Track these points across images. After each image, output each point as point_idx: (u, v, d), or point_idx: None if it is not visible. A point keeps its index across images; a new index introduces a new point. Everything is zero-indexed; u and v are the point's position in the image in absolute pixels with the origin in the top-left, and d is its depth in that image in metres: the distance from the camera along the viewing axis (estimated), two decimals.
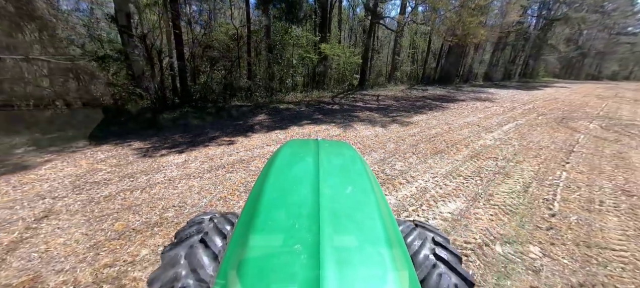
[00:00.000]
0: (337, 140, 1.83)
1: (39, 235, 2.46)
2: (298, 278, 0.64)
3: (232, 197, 3.23)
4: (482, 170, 4.31)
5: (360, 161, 1.40)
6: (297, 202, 0.95)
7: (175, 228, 2.59)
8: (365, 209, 0.96)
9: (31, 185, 3.38)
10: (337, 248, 0.73)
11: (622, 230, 2.84)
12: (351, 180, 1.17)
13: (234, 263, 0.75)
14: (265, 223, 0.86)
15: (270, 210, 0.92)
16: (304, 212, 0.88)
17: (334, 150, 1.52)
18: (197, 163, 4.26)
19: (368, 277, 0.68)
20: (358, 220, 0.89)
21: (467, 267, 2.25)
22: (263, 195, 1.00)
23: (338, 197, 0.99)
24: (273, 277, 0.66)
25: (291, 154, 1.43)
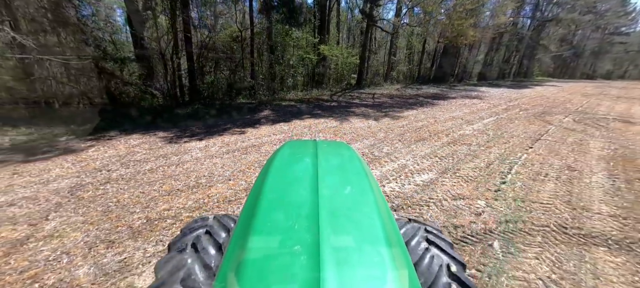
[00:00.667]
0: (335, 141, 1.90)
1: (108, 194, 3.26)
2: (298, 279, 0.64)
3: (249, 170, 4.04)
4: (456, 153, 5.13)
5: (359, 161, 1.41)
6: (296, 202, 0.96)
7: (207, 191, 3.40)
8: (364, 209, 0.97)
9: (86, 163, 4.19)
10: (337, 249, 0.73)
11: (554, 192, 3.66)
12: (350, 180, 1.18)
13: (233, 264, 0.75)
14: (265, 224, 0.86)
15: (269, 211, 0.93)
16: (303, 213, 0.88)
17: (332, 151, 1.53)
18: (216, 147, 5.07)
19: (368, 277, 0.68)
20: (357, 220, 0.90)
21: (428, 211, 3.07)
22: (262, 196, 1.01)
23: (337, 197, 1.00)
24: (273, 277, 0.66)
25: (290, 155, 1.45)
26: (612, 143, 6.18)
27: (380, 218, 0.91)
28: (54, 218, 2.74)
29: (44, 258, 2.20)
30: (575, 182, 4.00)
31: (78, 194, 3.22)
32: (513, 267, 2.26)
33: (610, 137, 6.67)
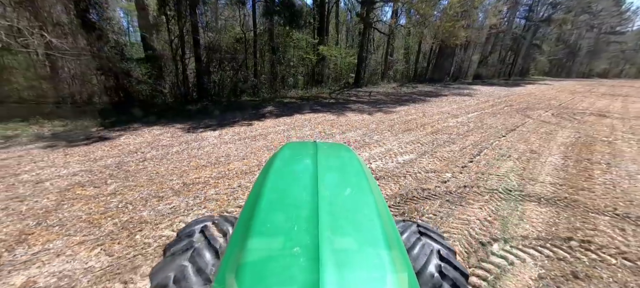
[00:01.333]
0: (335, 143, 1.89)
1: (147, 168, 4.05)
2: (297, 281, 0.64)
3: (259, 152, 4.83)
4: (436, 140, 5.91)
5: (359, 163, 1.42)
6: (295, 204, 0.96)
7: (226, 166, 4.18)
8: (364, 211, 0.97)
9: (121, 147, 4.98)
10: (336, 251, 0.73)
11: (511, 168, 4.45)
12: (349, 181, 1.19)
13: (232, 266, 0.75)
14: (264, 225, 0.86)
15: (268, 212, 0.93)
16: (303, 214, 0.89)
17: (332, 152, 1.53)
18: (228, 136, 5.86)
19: (367, 279, 0.68)
20: (357, 221, 0.90)
21: (404, 180, 3.85)
22: (262, 198, 1.01)
23: (337, 199, 1.00)
24: (272, 279, 0.67)
25: (289, 156, 1.45)
26: (579, 133, 6.97)
27: (380, 220, 0.91)
28: (111, 183, 3.53)
29: (114, 206, 2.99)
30: (532, 162, 4.79)
31: (124, 168, 4.01)
32: (460, 213, 3.05)
33: (579, 128, 7.46)
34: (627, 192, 3.71)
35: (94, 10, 7.76)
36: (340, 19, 22.46)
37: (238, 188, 3.46)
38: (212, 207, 3.02)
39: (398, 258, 0.78)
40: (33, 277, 2.03)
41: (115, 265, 2.16)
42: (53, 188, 3.35)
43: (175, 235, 1.79)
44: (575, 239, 2.64)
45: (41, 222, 2.67)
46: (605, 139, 6.46)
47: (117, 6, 10.41)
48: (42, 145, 4.97)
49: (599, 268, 2.27)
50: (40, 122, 6.44)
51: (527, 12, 30.84)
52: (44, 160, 4.25)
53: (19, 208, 2.90)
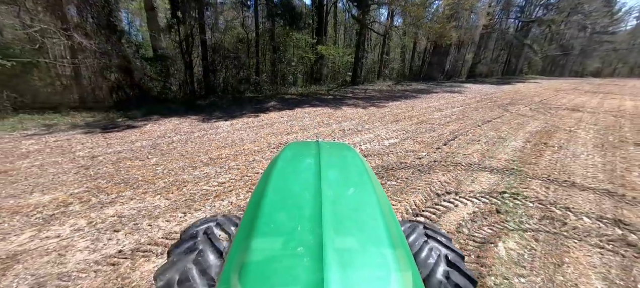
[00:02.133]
0: (337, 142, 1.87)
1: (177, 148, 4.93)
2: (301, 281, 0.65)
3: (268, 137, 5.72)
4: (419, 129, 6.82)
5: (361, 162, 1.43)
6: (299, 204, 0.97)
7: (241, 147, 5.06)
8: (367, 210, 0.97)
9: (150, 133, 5.85)
10: (340, 250, 0.74)
11: (477, 149, 5.36)
12: (353, 181, 1.20)
13: (236, 266, 0.76)
14: (268, 225, 0.87)
15: (272, 212, 0.94)
16: (306, 214, 0.89)
17: (334, 152, 1.54)
18: (239, 125, 6.75)
19: (371, 279, 0.69)
20: (360, 221, 0.91)
21: (387, 157, 4.75)
22: (265, 198, 1.02)
23: (340, 199, 1.01)
24: (276, 279, 0.67)
25: (292, 157, 1.46)
26: (547, 124, 7.90)
27: (384, 220, 0.91)
28: (152, 158, 4.41)
29: (160, 172, 3.87)
30: (496, 145, 5.71)
31: (158, 148, 4.89)
32: (427, 178, 3.96)
33: (549, 120, 8.39)
34: (565, 165, 4.63)
35: (116, 13, 8.59)
36: (338, 19, 23.34)
37: (253, 161, 4.35)
38: (235, 173, 3.91)
39: (402, 257, 0.78)
40: (119, 210, 2.92)
41: (172, 205, 3.05)
42: (107, 161, 4.23)
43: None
44: (508, 193, 3.56)
45: (109, 181, 3.56)
46: (568, 128, 7.40)
47: (122, 8, 11.22)
48: (81, 131, 5.83)
49: (517, 209, 3.19)
50: (71, 114, 7.29)
51: (518, 13, 31.84)
52: (89, 142, 5.12)
53: (88, 173, 3.77)
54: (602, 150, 5.56)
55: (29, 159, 4.21)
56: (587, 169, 4.50)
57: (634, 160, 4.99)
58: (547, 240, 2.63)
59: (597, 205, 3.32)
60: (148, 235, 2.52)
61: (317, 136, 6.06)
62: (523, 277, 2.17)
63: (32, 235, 2.48)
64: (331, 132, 6.40)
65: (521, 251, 2.47)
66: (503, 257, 2.39)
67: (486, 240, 2.60)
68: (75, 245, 2.37)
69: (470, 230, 2.74)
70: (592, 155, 5.23)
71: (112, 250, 2.32)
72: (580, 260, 2.40)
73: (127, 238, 2.47)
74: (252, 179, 3.71)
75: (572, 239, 2.67)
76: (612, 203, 3.40)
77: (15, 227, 2.60)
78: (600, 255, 2.47)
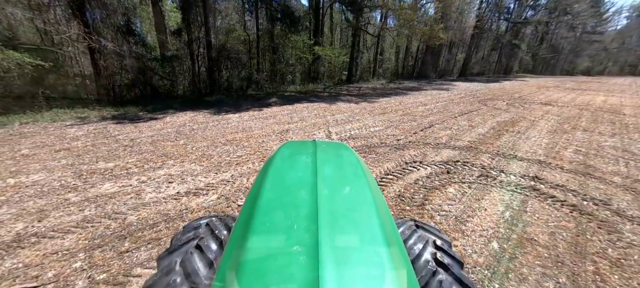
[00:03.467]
0: (334, 141, 2.02)
1: (198, 134, 5.95)
2: (297, 279, 0.66)
3: (272, 126, 6.76)
4: (403, 119, 7.90)
5: (358, 161, 1.44)
6: (295, 203, 0.98)
7: (251, 132, 6.09)
8: (363, 209, 0.99)
9: (171, 123, 6.86)
10: (336, 249, 0.75)
11: (447, 134, 6.43)
12: (349, 180, 1.21)
13: (232, 264, 0.76)
14: (264, 224, 0.88)
15: (268, 211, 0.94)
16: (302, 213, 0.90)
17: (331, 151, 1.56)
18: (246, 117, 7.78)
19: (367, 277, 0.70)
20: (356, 220, 0.92)
21: (371, 139, 5.80)
22: (261, 197, 1.03)
23: (336, 198, 1.02)
24: (272, 278, 0.68)
25: (289, 155, 1.48)
26: (516, 116, 9.01)
27: (379, 218, 0.92)
28: (180, 140, 5.44)
29: (190, 149, 4.90)
30: (464, 131, 6.79)
31: (182, 133, 5.91)
32: (400, 153, 5.01)
33: (519, 113, 9.51)
34: (515, 145, 5.72)
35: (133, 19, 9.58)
36: (334, 20, 24.43)
37: (263, 142, 5.39)
38: (249, 149, 4.95)
39: (397, 255, 0.79)
40: (167, 172, 3.95)
41: (206, 168, 4.08)
42: (144, 142, 5.24)
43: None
44: (460, 162, 4.63)
45: (153, 154, 4.58)
46: (533, 119, 8.51)
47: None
48: (112, 122, 6.83)
49: (465, 172, 4.25)
50: (97, 108, 8.28)
51: (508, 14, 33.15)
52: (123, 130, 6.13)
53: (134, 149, 4.79)
54: (552, 135, 6.66)
55: (80, 141, 5.22)
56: (532, 147, 5.59)
57: (575, 142, 6.09)
58: (477, 188, 3.70)
59: (525, 169, 4.40)
60: (194, 184, 3.56)
61: (315, 133, 7.10)
62: (451, 206, 3.24)
63: (111, 185, 3.51)
64: (326, 122, 7.45)
65: (456, 193, 3.54)
66: (442, 196, 3.45)
67: (434, 188, 3.66)
68: (145, 190, 3.40)
69: (425, 183, 3.81)
70: (542, 138, 6.32)
71: (172, 191, 3.36)
72: (494, 197, 3.47)
73: (180, 187, 3.50)
74: (263, 153, 4.75)
75: (495, 187, 3.74)
76: (538, 168, 4.48)
77: (96, 181, 3.62)
78: (510, 194, 3.54)
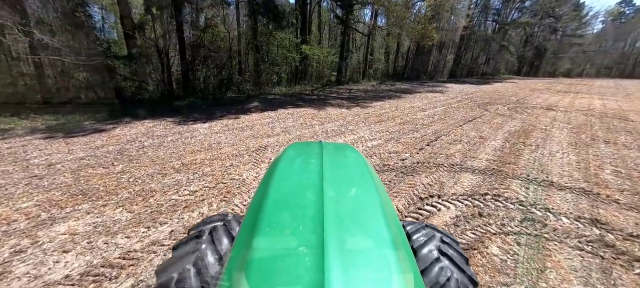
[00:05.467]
0: (340, 143, 2.02)
1: (148, 153, 4.59)
2: (303, 280, 0.65)
3: (247, 140, 5.47)
4: (403, 129, 6.80)
5: (364, 163, 1.44)
6: (301, 204, 0.98)
7: (218, 151, 4.79)
8: (370, 211, 0.98)
9: (118, 137, 5.44)
10: (342, 251, 0.74)
11: (459, 149, 5.37)
12: (355, 182, 1.21)
13: (238, 264, 0.77)
14: (270, 225, 0.87)
15: (274, 212, 0.94)
16: (308, 214, 0.90)
17: (337, 152, 1.55)
18: (218, 127, 6.44)
19: (373, 279, 0.69)
20: (362, 222, 0.91)
21: (370, 160, 4.64)
22: (267, 197, 1.03)
23: (342, 199, 1.01)
24: (278, 278, 0.68)
25: (294, 156, 1.47)
26: (524, 123, 8.13)
27: (386, 221, 0.91)
28: (118, 165, 4.06)
29: (125, 181, 3.55)
30: (477, 145, 5.76)
31: (125, 154, 4.53)
32: (410, 180, 3.87)
33: (526, 120, 8.65)
34: (542, 165, 4.71)
35: (82, 8, 7.99)
36: (322, 18, 23.24)
37: (230, 167, 4.11)
38: (209, 179, 3.66)
39: (404, 259, 0.78)
40: (85, 226, 2.61)
41: (135, 219, 2.77)
42: (64, 171, 3.84)
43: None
44: (490, 195, 3.53)
45: (65, 192, 3.20)
46: (543, 127, 7.64)
47: (91, 2, 10.54)
48: (41, 136, 5.33)
49: (501, 212, 3.16)
50: (31, 116, 6.69)
51: (496, 16, 33.10)
52: (48, 148, 4.67)
53: (41, 184, 3.40)
54: (575, 149, 5.74)
55: None
56: (563, 168, 4.60)
57: (605, 159, 5.17)
58: (528, 245, 2.60)
59: (575, 206, 3.36)
60: (104, 255, 2.25)
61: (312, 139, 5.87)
62: (504, 286, 2.10)
63: None
64: (314, 133, 6.23)
65: (503, 256, 2.41)
66: (485, 262, 2.32)
67: (469, 246, 2.52)
68: (13, 272, 2.06)
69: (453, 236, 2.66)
70: (567, 153, 5.37)
71: (58, 275, 2.04)
72: (561, 264, 2.37)
73: (78, 262, 2.18)
74: (227, 187, 3.47)
75: (553, 243, 2.65)
76: (589, 203, 3.45)
77: None
78: (580, 260, 2.45)
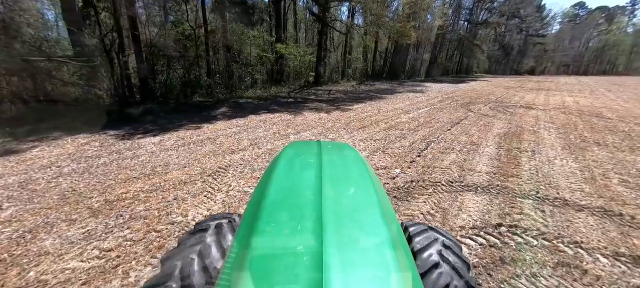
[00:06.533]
0: (339, 142, 1.90)
1: (62, 185, 3.44)
2: (301, 280, 0.65)
3: (204, 159, 4.44)
4: (388, 136, 6.08)
5: (363, 163, 1.43)
6: (299, 203, 0.97)
7: (160, 179, 3.75)
8: (368, 210, 0.97)
9: (32, 161, 4.18)
10: (340, 250, 0.73)
11: (452, 161, 4.73)
12: (354, 181, 1.19)
13: (236, 264, 0.76)
14: (268, 224, 0.87)
15: (272, 212, 0.93)
16: (307, 214, 0.89)
17: (336, 152, 1.54)
18: (171, 141, 5.32)
19: (371, 279, 0.69)
20: (361, 221, 0.91)
21: None
22: (266, 197, 1.02)
23: (341, 199, 1.01)
24: (276, 278, 0.67)
25: (293, 156, 1.46)
26: (510, 124, 7.77)
27: (384, 220, 0.91)
28: (8, 208, 2.90)
29: (6, 238, 2.43)
30: (471, 153, 5.16)
31: (29, 187, 3.34)
32: (406, 209, 3.10)
33: (511, 120, 8.33)
34: (547, 176, 4.17)
35: None
36: (298, 16, 22.27)
37: (173, 202, 3.10)
38: (138, 226, 2.64)
39: (402, 258, 0.78)
40: None
41: None
42: None
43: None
44: (505, 225, 2.85)
45: None
46: (531, 128, 7.30)
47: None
48: None
49: (526, 254, 2.46)
50: None
51: (468, 15, 34.02)
52: None
53: None
54: (571, 154, 5.33)
55: None
56: (569, 180, 4.08)
57: (606, 165, 4.77)
58: None
59: (605, 235, 2.75)
60: None
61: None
62: None
63: None
64: None
65: None
66: None
67: None
68: None
69: None
70: (565, 161, 4.92)
71: None
72: None
73: None
74: (161, 238, 2.48)
75: None
76: (617, 229, 2.87)
77: None
78: None
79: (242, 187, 3.50)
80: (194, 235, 1.17)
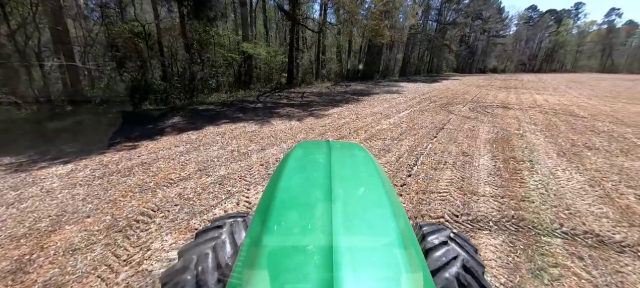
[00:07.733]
0: (348, 142, 1.89)
1: None
2: (312, 279, 0.64)
3: (123, 199, 3.18)
4: (370, 149, 5.19)
5: (372, 162, 1.41)
6: (309, 203, 0.97)
7: (39, 241, 2.47)
8: (378, 210, 0.97)
9: None
10: (351, 249, 0.73)
11: (449, 180, 3.93)
12: (363, 181, 1.19)
13: (247, 263, 0.76)
14: (278, 224, 0.87)
15: (283, 211, 0.93)
16: (317, 213, 0.89)
17: (345, 151, 1.54)
18: (86, 171, 3.94)
19: (382, 278, 0.68)
20: (371, 221, 0.90)
21: None
22: (276, 197, 1.02)
23: (350, 198, 1.00)
24: (286, 277, 0.67)
25: (303, 156, 1.45)
26: (494, 127, 7.30)
27: (394, 220, 0.90)
28: None
29: None
30: (466, 167, 4.42)
31: None
32: None
33: (493, 122, 7.88)
34: (558, 196, 3.50)
35: None
36: (268, 15, 20.94)
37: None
38: None
39: (413, 258, 0.78)
40: None
41: None
42: None
43: None
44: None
45: None
46: (517, 132, 6.84)
47: None
48: None
49: None
50: None
51: (437, 16, 34.85)
52: None
53: None
54: (570, 163, 4.80)
55: None
56: (586, 202, 3.43)
57: (611, 176, 4.26)
58: None
59: None
60: None
61: (215, 213, 3.80)
62: None
63: None
64: (248, 168, 4.18)
65: None
66: None
67: None
68: None
69: None
70: (569, 173, 4.34)
71: None
72: None
73: None
74: None
75: None
76: None
77: None
78: None
79: (168, 248, 2.35)
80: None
